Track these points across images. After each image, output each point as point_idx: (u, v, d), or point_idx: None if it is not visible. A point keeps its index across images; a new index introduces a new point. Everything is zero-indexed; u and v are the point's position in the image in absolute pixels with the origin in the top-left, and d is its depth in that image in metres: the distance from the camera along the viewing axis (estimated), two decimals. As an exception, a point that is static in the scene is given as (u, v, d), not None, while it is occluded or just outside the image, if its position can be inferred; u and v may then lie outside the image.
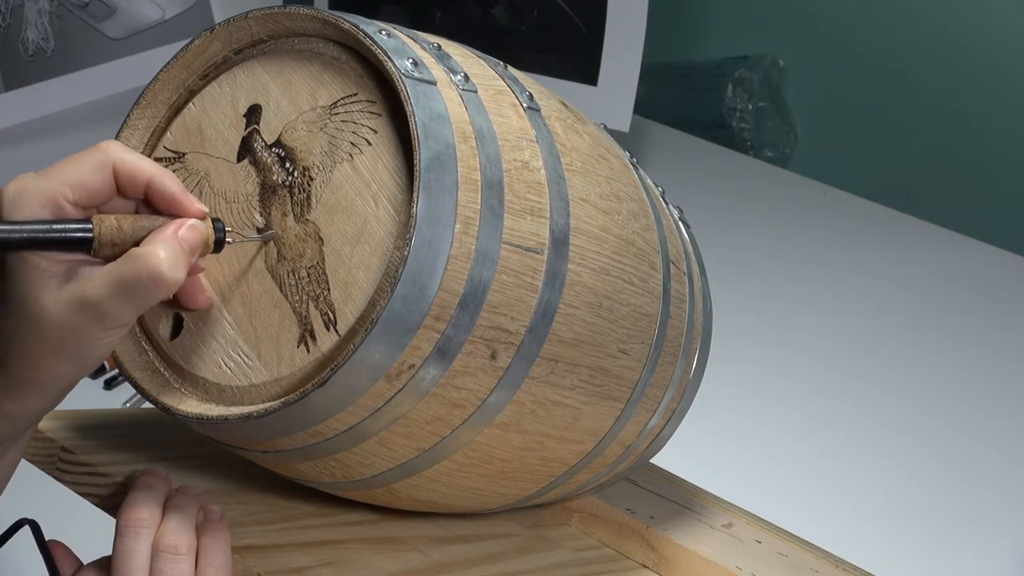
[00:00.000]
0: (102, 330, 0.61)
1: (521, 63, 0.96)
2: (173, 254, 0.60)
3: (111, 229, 0.61)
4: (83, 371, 0.63)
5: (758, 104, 2.09)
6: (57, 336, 0.61)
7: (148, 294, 0.60)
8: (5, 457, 0.67)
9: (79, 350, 0.61)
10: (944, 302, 1.60)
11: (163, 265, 0.60)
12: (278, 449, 0.67)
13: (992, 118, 1.92)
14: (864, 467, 1.31)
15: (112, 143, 0.63)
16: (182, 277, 0.61)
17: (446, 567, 0.75)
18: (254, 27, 0.69)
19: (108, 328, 0.61)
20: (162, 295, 0.61)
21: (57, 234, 0.60)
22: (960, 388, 1.44)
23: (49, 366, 0.62)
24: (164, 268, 0.60)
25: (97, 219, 0.60)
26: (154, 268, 0.59)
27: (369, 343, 0.60)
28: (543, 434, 0.71)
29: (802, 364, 1.47)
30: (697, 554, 0.86)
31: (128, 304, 0.60)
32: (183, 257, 0.61)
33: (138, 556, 0.65)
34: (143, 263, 0.60)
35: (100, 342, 0.61)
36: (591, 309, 0.69)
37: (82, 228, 0.60)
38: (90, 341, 0.61)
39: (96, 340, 0.61)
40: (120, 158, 0.62)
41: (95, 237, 0.60)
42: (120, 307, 0.60)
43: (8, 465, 0.68)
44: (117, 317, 0.60)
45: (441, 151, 0.62)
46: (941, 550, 1.20)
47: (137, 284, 0.60)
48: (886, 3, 1.98)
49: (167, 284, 0.60)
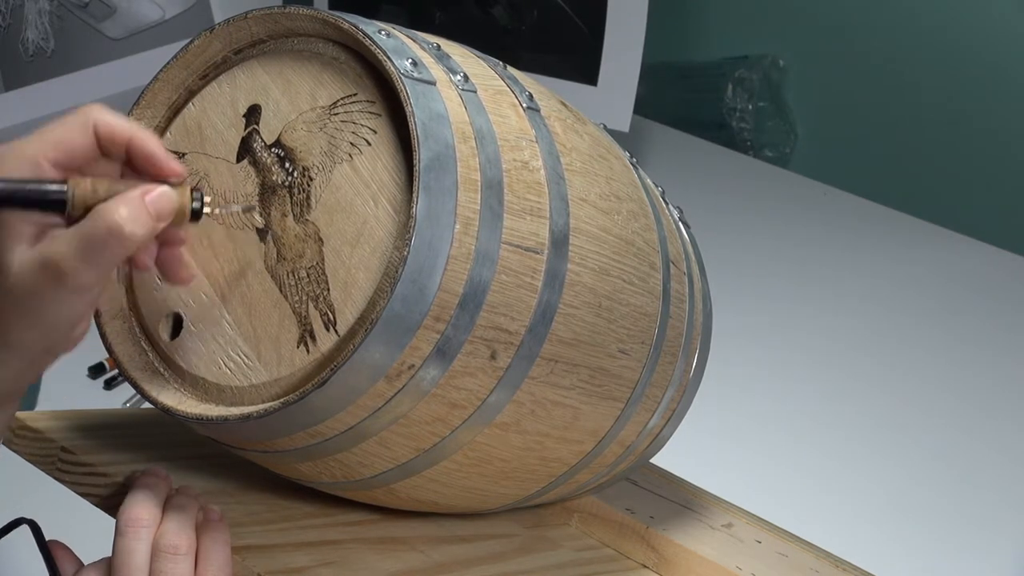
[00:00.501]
0: (63, 291, 0.60)
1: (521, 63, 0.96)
2: (134, 211, 0.60)
3: (85, 191, 0.60)
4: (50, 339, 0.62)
5: (758, 104, 2.09)
6: (20, 298, 0.60)
7: (107, 251, 0.59)
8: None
9: (41, 314, 0.61)
10: (944, 302, 1.60)
11: (123, 221, 0.59)
12: (278, 449, 0.67)
13: (992, 118, 1.92)
14: (864, 467, 1.31)
15: (95, 106, 0.63)
16: (140, 234, 0.60)
17: (446, 567, 0.75)
18: (254, 27, 0.69)
19: (70, 290, 0.60)
20: (122, 253, 0.60)
21: (32, 194, 0.59)
22: (960, 388, 1.44)
23: (15, 330, 0.61)
24: (123, 223, 0.59)
25: (73, 181, 0.60)
26: (113, 223, 0.59)
27: (369, 343, 0.60)
28: (543, 434, 0.71)
29: (802, 364, 1.47)
30: (697, 554, 0.86)
31: (88, 262, 0.59)
32: (145, 216, 0.60)
33: (138, 556, 0.65)
34: (102, 218, 0.59)
35: (62, 305, 0.60)
36: (591, 309, 0.69)
37: (57, 190, 0.60)
38: (52, 304, 0.60)
39: (58, 303, 0.60)
40: (100, 118, 0.62)
41: (69, 200, 0.60)
42: (80, 265, 0.59)
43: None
44: (77, 277, 0.60)
45: (441, 151, 0.62)
46: (941, 550, 1.20)
47: (96, 239, 0.59)
48: (886, 3, 1.98)
49: (125, 239, 0.59)
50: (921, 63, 1.96)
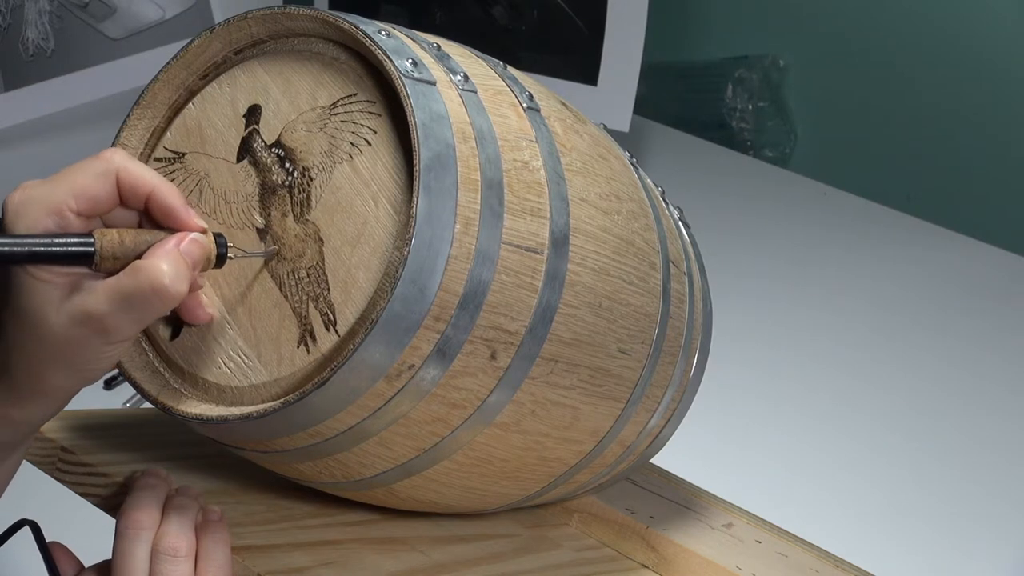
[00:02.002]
0: (104, 344, 0.61)
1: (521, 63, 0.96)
2: (176, 267, 0.60)
3: (113, 243, 0.60)
4: (86, 382, 0.63)
5: (758, 104, 2.09)
6: (59, 349, 0.61)
7: (151, 307, 0.60)
8: (6, 463, 0.67)
9: (81, 362, 0.62)
10: (944, 302, 1.60)
11: (166, 278, 0.59)
12: (278, 449, 0.67)
13: (992, 118, 1.92)
14: (864, 467, 1.31)
15: (116, 151, 0.63)
16: (185, 290, 0.60)
17: (446, 567, 0.75)
18: (254, 27, 0.69)
19: (111, 342, 0.61)
20: (165, 309, 0.61)
21: (59, 248, 0.59)
22: (960, 388, 1.44)
23: (51, 377, 0.62)
24: (167, 281, 0.59)
25: (99, 233, 0.60)
26: (157, 281, 0.59)
27: (369, 343, 0.60)
28: (543, 434, 0.71)
29: (802, 364, 1.47)
30: (697, 554, 0.86)
31: (130, 317, 0.60)
32: (185, 270, 0.61)
33: (138, 559, 0.65)
34: (145, 276, 0.59)
35: (102, 355, 0.62)
36: (591, 309, 0.69)
37: (84, 242, 0.60)
38: (92, 354, 0.61)
39: (98, 353, 0.61)
40: (124, 167, 0.62)
41: (97, 251, 0.60)
42: (122, 320, 0.60)
43: (8, 470, 0.68)
44: (119, 330, 0.60)
45: (441, 151, 0.62)
46: (941, 550, 1.20)
47: (140, 297, 0.60)
48: (886, 3, 1.98)
49: (170, 297, 0.60)
50: (921, 63, 1.96)
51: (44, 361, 0.61)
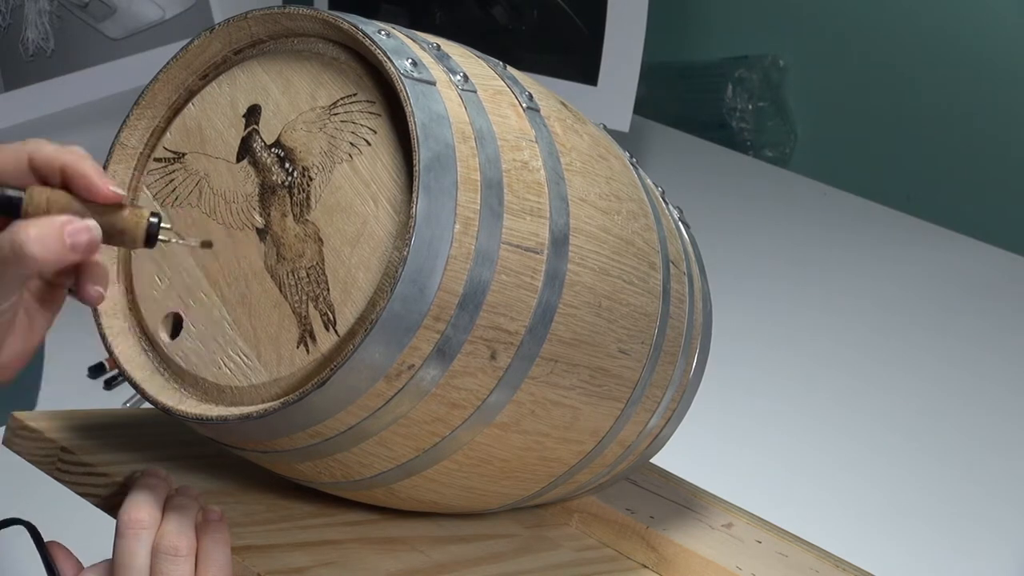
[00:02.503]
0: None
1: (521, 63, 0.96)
2: (44, 233, 0.59)
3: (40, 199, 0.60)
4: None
5: (758, 104, 2.09)
6: None
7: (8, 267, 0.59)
8: None
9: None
10: (944, 302, 1.60)
11: (29, 240, 0.58)
12: (278, 449, 0.67)
13: (992, 118, 1.92)
14: (864, 467, 1.31)
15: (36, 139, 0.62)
16: (47, 258, 0.59)
17: (446, 567, 0.75)
18: (254, 27, 0.69)
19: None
20: (24, 272, 0.59)
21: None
22: (960, 388, 1.44)
23: None
24: (29, 243, 0.58)
25: (31, 189, 0.60)
26: (18, 240, 0.58)
27: (369, 343, 0.60)
28: (543, 434, 0.71)
29: (802, 364, 1.47)
30: (697, 554, 0.86)
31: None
32: (56, 242, 0.59)
33: (138, 558, 0.65)
34: (10, 234, 0.59)
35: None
36: (591, 309, 0.69)
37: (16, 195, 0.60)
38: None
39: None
40: (36, 148, 0.61)
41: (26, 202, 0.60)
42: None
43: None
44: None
45: (440, 151, 0.62)
46: (941, 550, 1.20)
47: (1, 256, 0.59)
48: (886, 3, 1.98)
49: (27, 259, 0.58)
50: (921, 63, 1.96)
51: None
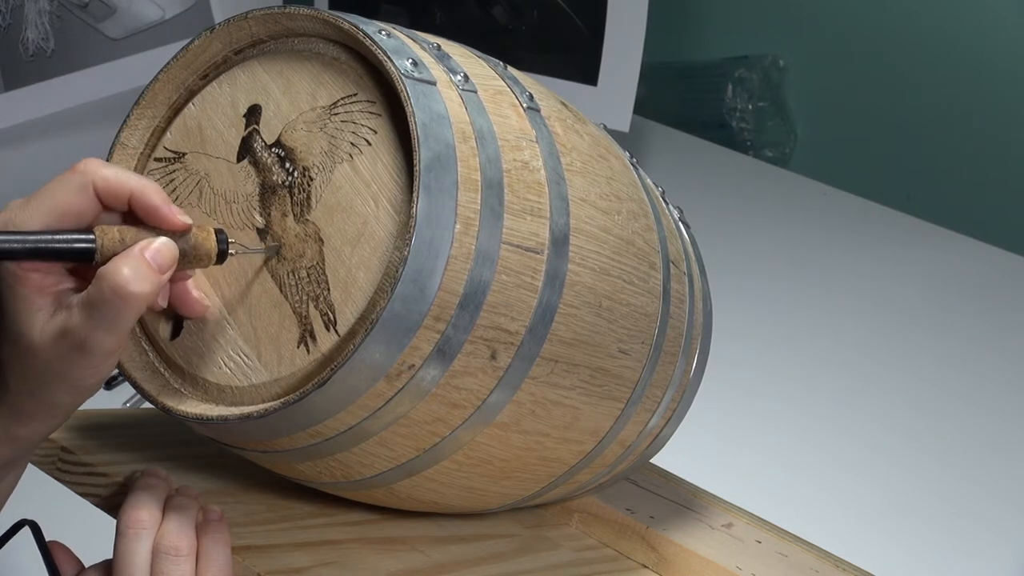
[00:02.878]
0: (85, 358, 0.61)
1: (521, 63, 0.96)
2: (136, 268, 0.59)
3: (113, 240, 0.60)
4: (83, 396, 0.63)
5: (758, 104, 2.09)
6: (47, 367, 0.61)
7: (116, 313, 0.59)
8: (8, 477, 0.67)
9: (71, 380, 0.62)
10: (944, 302, 1.60)
11: (126, 281, 0.59)
12: (278, 449, 0.67)
13: (992, 118, 1.92)
14: (864, 467, 1.31)
15: (91, 162, 0.62)
16: (147, 291, 0.60)
17: (446, 567, 0.75)
18: (254, 27, 0.69)
19: (91, 356, 0.61)
20: (131, 313, 0.60)
21: (61, 244, 0.59)
22: (960, 388, 1.44)
23: (48, 394, 0.62)
24: (127, 283, 0.59)
25: (99, 231, 0.60)
26: (117, 284, 0.59)
27: (369, 343, 0.60)
28: (543, 434, 0.71)
29: (802, 364, 1.47)
30: (697, 554, 0.86)
31: (100, 327, 0.60)
32: (147, 271, 0.60)
33: (138, 558, 0.65)
34: (106, 282, 0.59)
35: (88, 371, 0.61)
36: (591, 309, 0.69)
37: (85, 238, 0.60)
38: (78, 371, 0.61)
39: (83, 369, 0.61)
40: (100, 176, 0.62)
41: (97, 248, 0.60)
42: (95, 331, 0.60)
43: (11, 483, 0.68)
44: (96, 343, 0.60)
45: (441, 151, 0.62)
46: (941, 550, 1.20)
47: (104, 303, 0.59)
48: (886, 3, 1.98)
49: (132, 299, 0.59)
50: (921, 63, 1.96)
51: (38, 380, 0.62)
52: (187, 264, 0.63)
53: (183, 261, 0.63)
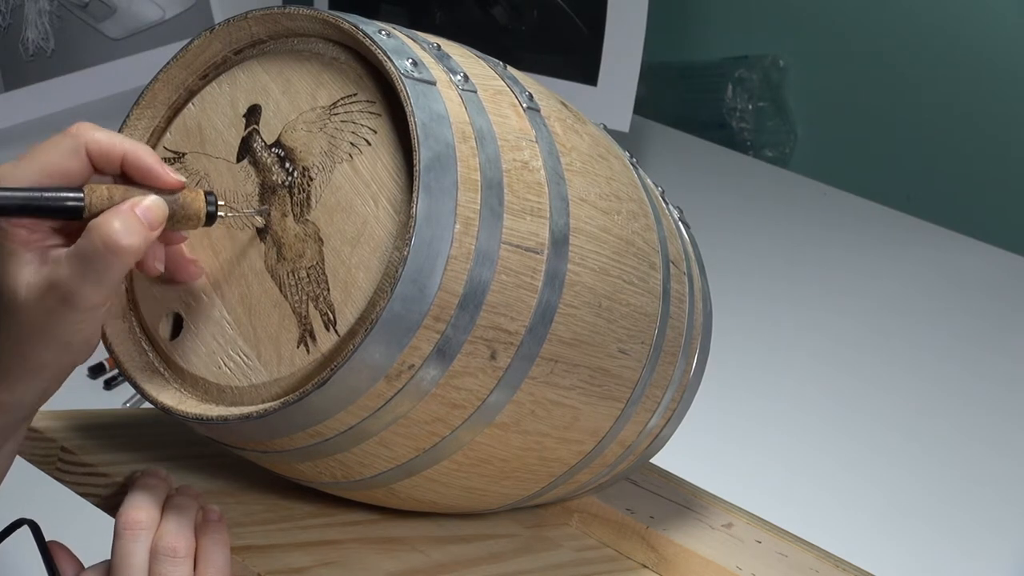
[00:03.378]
0: (72, 311, 0.61)
1: (521, 63, 0.96)
2: (126, 222, 0.60)
3: (102, 197, 0.61)
4: (69, 356, 0.63)
5: (758, 104, 2.09)
6: (34, 323, 0.61)
7: (106, 266, 0.60)
8: (2, 448, 0.67)
9: (57, 335, 0.62)
10: (944, 302, 1.60)
11: (116, 233, 0.59)
12: (278, 449, 0.67)
13: (992, 118, 1.92)
14: (864, 467, 1.31)
15: (83, 125, 0.63)
16: (136, 244, 0.60)
17: (446, 567, 0.75)
18: (254, 27, 0.69)
19: (79, 309, 0.61)
20: (120, 265, 0.60)
21: (50, 200, 0.60)
22: (960, 388, 1.44)
23: (35, 353, 0.62)
24: (117, 236, 0.59)
25: (88, 188, 0.61)
26: (108, 237, 0.59)
27: (369, 343, 0.60)
28: (543, 434, 0.71)
29: (802, 364, 1.47)
30: (697, 554, 0.86)
31: (89, 279, 0.60)
32: (138, 226, 0.60)
33: (137, 559, 0.65)
34: (96, 233, 0.60)
35: (76, 325, 0.61)
36: (591, 309, 0.69)
37: (74, 196, 0.61)
38: (67, 325, 0.61)
39: (71, 323, 0.61)
40: (92, 138, 0.62)
41: (86, 205, 0.61)
42: (83, 284, 0.60)
43: (5, 457, 0.68)
44: (83, 296, 0.60)
45: (441, 151, 0.62)
46: (941, 550, 1.20)
47: (94, 255, 0.60)
48: (886, 3, 1.98)
49: (122, 252, 0.60)
50: (921, 63, 1.96)
51: (24, 338, 0.62)
52: (177, 224, 0.64)
53: (172, 221, 0.63)
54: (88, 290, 0.60)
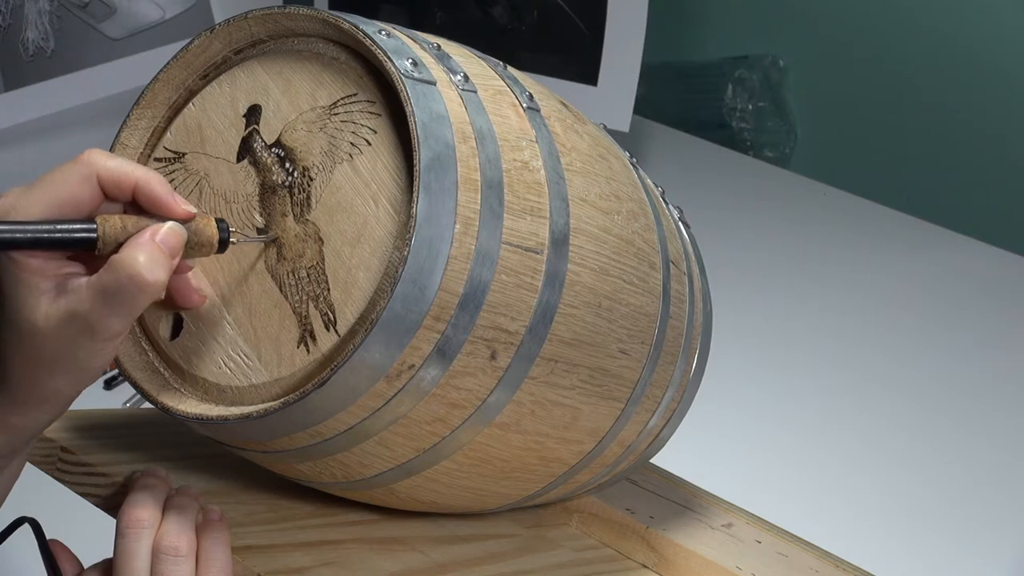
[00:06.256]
0: (94, 342, 0.61)
1: (521, 63, 0.96)
2: (151, 256, 0.60)
3: (115, 228, 0.61)
4: (83, 383, 0.63)
5: (758, 104, 2.09)
6: (52, 352, 0.61)
7: (132, 300, 0.60)
8: (8, 469, 0.67)
9: (76, 364, 0.62)
10: (944, 302, 1.60)
11: (142, 269, 0.59)
12: (278, 449, 0.67)
13: (992, 118, 1.92)
14: (864, 467, 1.31)
15: (94, 152, 0.62)
16: (162, 278, 0.60)
17: (446, 567, 0.75)
18: (254, 27, 0.69)
19: (99, 340, 0.61)
20: (146, 299, 0.60)
21: (62, 233, 0.60)
22: (960, 388, 1.44)
23: (49, 381, 0.62)
24: (143, 271, 0.59)
25: (101, 219, 0.61)
26: (134, 271, 0.59)
27: (369, 343, 0.60)
28: (543, 434, 0.71)
29: (802, 364, 1.47)
30: (697, 554, 0.86)
31: (114, 313, 0.60)
32: (161, 258, 0.60)
33: (138, 558, 0.65)
34: (122, 269, 0.59)
35: (94, 355, 0.61)
36: (591, 309, 0.69)
37: (86, 228, 0.60)
38: (85, 354, 0.61)
39: (91, 353, 0.61)
40: (103, 167, 0.62)
41: (99, 236, 0.60)
42: (107, 317, 0.60)
43: (10, 477, 0.68)
44: (106, 327, 0.60)
45: (441, 151, 0.62)
46: (941, 550, 1.20)
47: (119, 291, 0.59)
48: (886, 3, 1.98)
49: (148, 287, 0.60)
50: (921, 63, 1.96)
51: (39, 366, 0.62)
52: (189, 253, 0.63)
53: (185, 249, 0.63)
54: (111, 321, 0.60)
